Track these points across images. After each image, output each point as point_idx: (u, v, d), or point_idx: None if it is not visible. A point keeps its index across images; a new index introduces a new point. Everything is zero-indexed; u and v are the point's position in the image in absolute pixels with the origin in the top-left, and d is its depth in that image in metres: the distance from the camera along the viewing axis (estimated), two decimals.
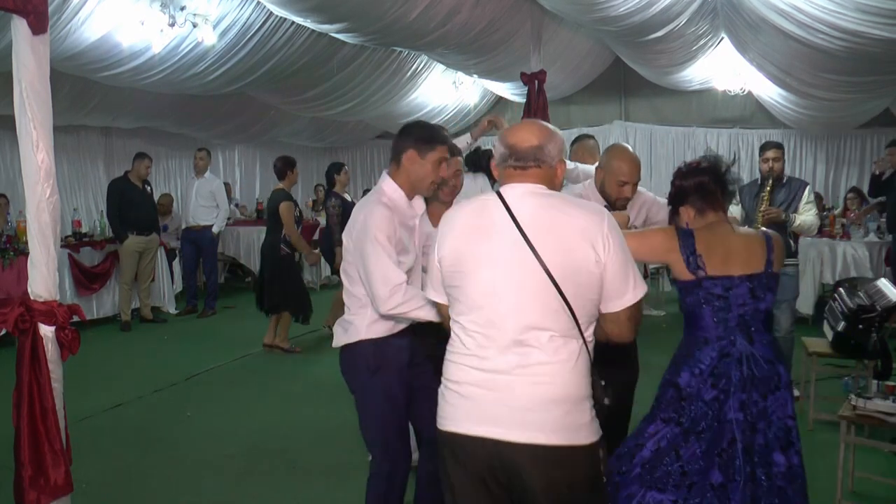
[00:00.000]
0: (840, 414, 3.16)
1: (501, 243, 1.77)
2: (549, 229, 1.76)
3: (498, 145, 1.89)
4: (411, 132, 2.50)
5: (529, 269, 1.73)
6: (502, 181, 1.88)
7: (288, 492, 3.50)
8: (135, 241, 6.98)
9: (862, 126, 9.02)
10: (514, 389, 1.74)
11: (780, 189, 4.66)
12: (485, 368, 1.77)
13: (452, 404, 1.82)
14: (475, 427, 1.77)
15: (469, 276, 1.80)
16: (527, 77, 6.64)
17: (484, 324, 1.77)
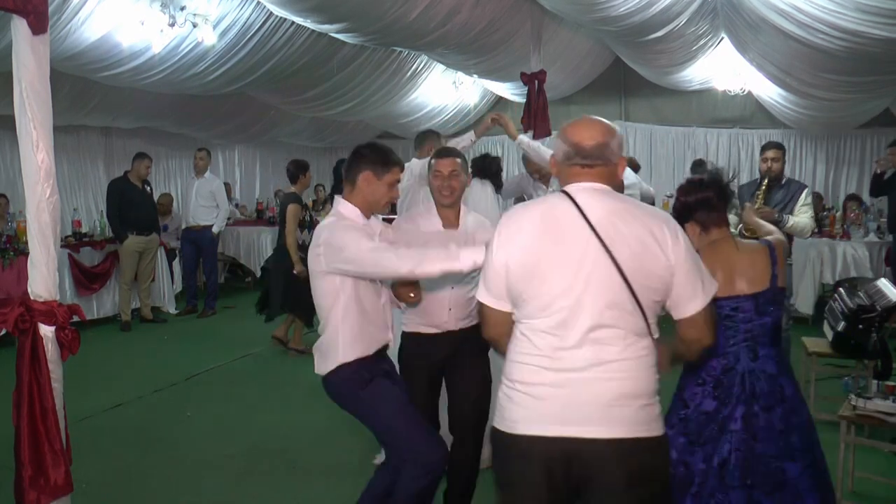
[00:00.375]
0: (840, 414, 3.16)
1: (576, 244, 1.77)
2: (621, 231, 1.76)
3: (559, 143, 1.89)
4: (366, 155, 2.55)
5: (604, 271, 1.75)
6: (566, 180, 1.88)
7: (288, 492, 3.50)
8: (135, 241, 6.97)
9: (862, 126, 9.01)
10: (592, 387, 1.76)
11: (777, 189, 4.66)
12: (559, 369, 1.77)
13: (525, 406, 1.80)
14: (552, 427, 1.77)
15: (543, 277, 1.78)
16: (527, 77, 6.64)
17: (557, 325, 1.77)
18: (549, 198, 1.91)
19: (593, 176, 1.84)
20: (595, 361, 1.75)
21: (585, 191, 1.82)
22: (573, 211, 1.79)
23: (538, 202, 1.95)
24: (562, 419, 1.76)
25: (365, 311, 2.48)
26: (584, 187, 1.83)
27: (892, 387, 3.21)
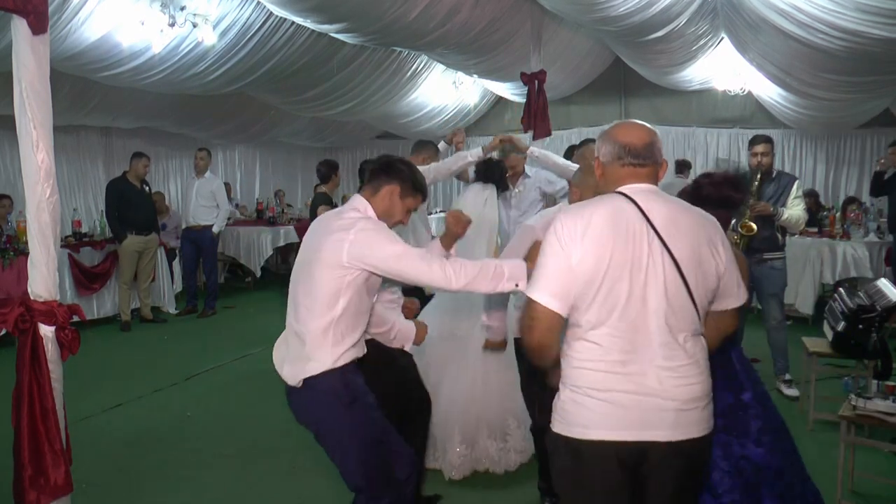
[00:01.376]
0: (840, 414, 3.16)
1: (641, 246, 1.79)
2: (679, 233, 1.81)
3: (606, 144, 1.93)
4: (402, 171, 2.46)
5: (668, 273, 1.79)
6: (616, 181, 1.90)
7: (288, 491, 3.50)
8: (134, 240, 6.97)
9: (862, 126, 9.01)
10: (667, 391, 1.78)
11: (769, 183, 4.65)
12: (631, 373, 1.78)
13: (598, 412, 1.79)
14: (626, 432, 1.78)
15: (613, 279, 1.78)
16: (527, 77, 6.64)
17: (627, 329, 1.78)
18: (610, 199, 1.87)
19: (644, 176, 1.89)
20: (666, 365, 1.78)
21: (643, 192, 1.86)
22: (637, 213, 1.82)
23: (600, 202, 1.87)
24: (638, 424, 1.78)
25: (361, 313, 2.35)
26: (640, 189, 1.87)
27: (893, 387, 3.21)
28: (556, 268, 1.81)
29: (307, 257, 2.34)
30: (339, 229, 2.27)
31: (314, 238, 2.36)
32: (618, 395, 1.78)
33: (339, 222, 2.32)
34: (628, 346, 1.78)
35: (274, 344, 2.51)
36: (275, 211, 9.40)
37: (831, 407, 3.98)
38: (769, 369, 4.93)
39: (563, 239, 1.81)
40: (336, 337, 2.28)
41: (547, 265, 1.83)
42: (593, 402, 1.80)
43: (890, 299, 3.28)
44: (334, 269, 2.25)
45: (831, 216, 7.34)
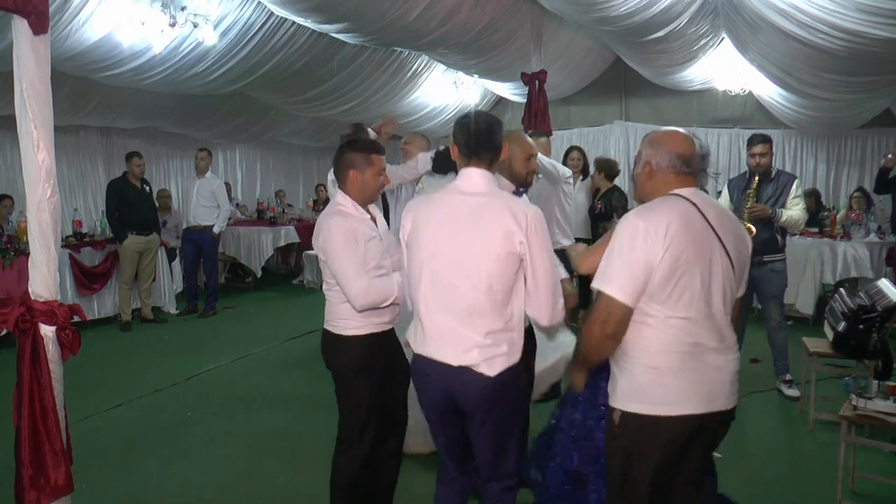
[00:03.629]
0: (840, 414, 3.16)
1: (706, 242, 2.04)
2: (727, 231, 2.09)
3: (659, 152, 2.13)
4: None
5: (724, 265, 2.06)
6: (665, 185, 2.12)
7: (288, 491, 3.50)
8: (134, 240, 6.98)
9: (862, 126, 9.00)
10: (727, 367, 2.08)
11: (767, 184, 4.62)
12: (702, 353, 2.04)
13: (677, 389, 2.03)
14: (700, 405, 2.04)
15: (691, 274, 2.00)
16: (527, 77, 6.65)
17: (698, 315, 2.03)
18: (675, 200, 2.07)
19: (690, 182, 2.13)
20: (723, 347, 2.07)
21: (696, 194, 2.11)
22: (697, 213, 2.05)
23: (670, 203, 2.06)
24: (706, 398, 2.05)
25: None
26: (691, 192, 2.10)
27: (893, 387, 3.21)
28: (635, 264, 1.98)
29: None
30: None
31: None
32: (692, 373, 2.03)
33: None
34: (699, 331, 2.03)
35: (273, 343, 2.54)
36: (275, 211, 9.41)
37: (831, 407, 3.99)
38: (769, 369, 4.93)
39: (648, 237, 1.98)
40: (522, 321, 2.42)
41: (623, 261, 2.00)
42: (674, 381, 2.02)
43: (890, 299, 3.28)
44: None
45: (832, 216, 7.33)
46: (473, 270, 2.16)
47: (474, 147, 2.27)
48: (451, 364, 2.20)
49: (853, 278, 6.65)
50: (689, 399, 2.04)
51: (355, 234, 2.61)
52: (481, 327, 2.18)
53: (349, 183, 2.72)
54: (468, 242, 2.17)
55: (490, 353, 2.18)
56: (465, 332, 2.19)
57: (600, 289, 2.03)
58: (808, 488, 3.47)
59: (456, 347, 2.20)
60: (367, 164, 2.72)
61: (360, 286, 2.54)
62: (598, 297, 2.03)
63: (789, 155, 9.71)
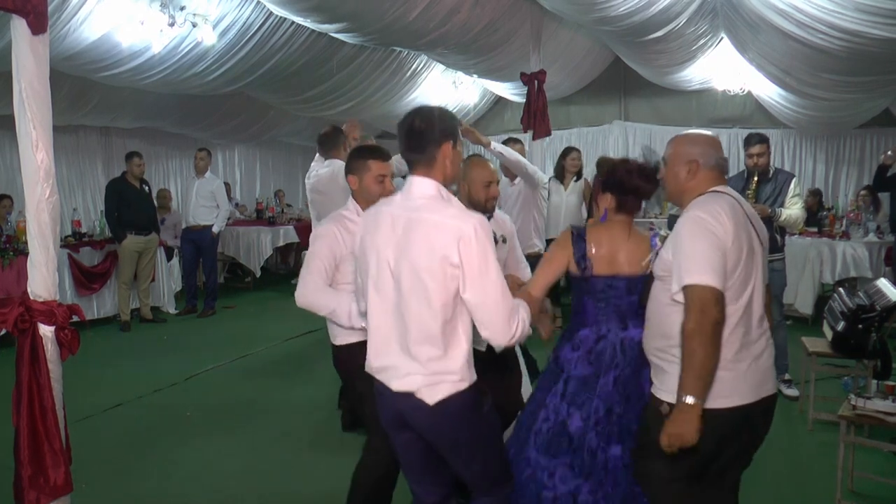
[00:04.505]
0: (840, 414, 3.16)
1: (747, 233, 2.17)
2: (758, 222, 2.27)
3: (708, 152, 2.25)
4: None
5: (761, 255, 2.21)
6: (706, 182, 2.24)
7: (289, 491, 3.50)
8: (133, 240, 6.97)
9: (862, 126, 9.02)
10: (768, 351, 2.21)
11: (766, 183, 4.60)
12: (752, 342, 2.16)
13: (734, 381, 2.10)
14: (755, 392, 2.15)
15: (743, 264, 2.11)
16: (527, 77, 6.65)
17: (746, 304, 2.13)
18: (721, 195, 2.19)
19: (724, 180, 2.29)
20: (763, 332, 2.21)
21: (731, 190, 2.25)
22: (739, 205, 2.19)
23: (722, 198, 2.16)
24: (759, 384, 2.15)
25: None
26: (726, 189, 2.25)
27: (892, 387, 3.21)
28: (712, 249, 2.04)
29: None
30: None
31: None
32: (743, 364, 2.12)
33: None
34: (749, 320, 2.14)
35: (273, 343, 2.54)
36: (275, 211, 9.40)
37: (831, 407, 3.99)
38: None
39: (715, 227, 2.06)
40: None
41: (699, 251, 2.05)
42: (726, 374, 2.08)
43: (889, 299, 3.28)
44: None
45: (831, 216, 7.34)
46: (410, 288, 2.00)
47: (404, 149, 2.09)
48: (392, 388, 2.08)
49: (852, 278, 6.66)
50: (741, 390, 2.11)
51: (344, 249, 2.65)
52: (421, 350, 2.01)
53: (351, 189, 2.80)
54: (404, 258, 2.01)
55: (432, 380, 2.01)
56: (405, 355, 2.04)
57: (687, 283, 2.02)
58: (807, 488, 3.47)
59: (397, 370, 2.06)
60: (364, 170, 2.73)
61: (307, 288, 2.64)
62: (689, 293, 2.02)
63: (788, 155, 9.73)
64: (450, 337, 2.02)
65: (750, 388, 2.13)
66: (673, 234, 2.18)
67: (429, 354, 2.01)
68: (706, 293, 2.01)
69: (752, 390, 2.13)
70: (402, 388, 2.05)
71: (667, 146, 2.40)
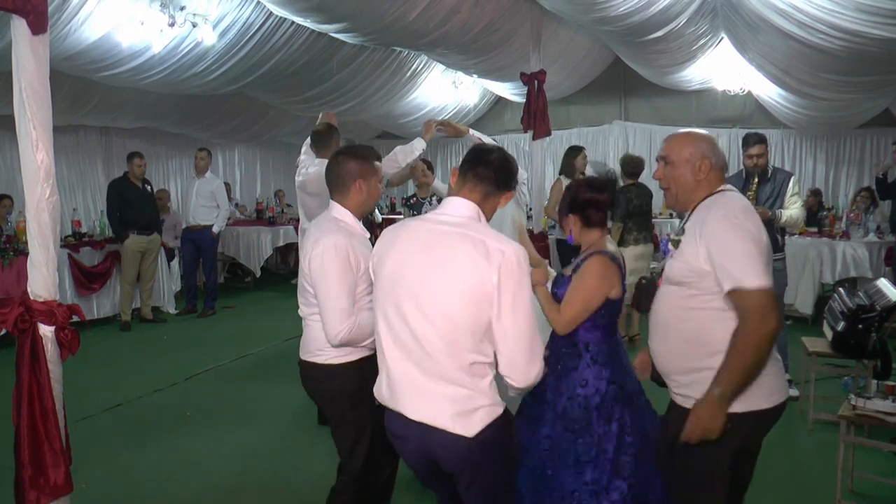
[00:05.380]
0: (840, 414, 3.16)
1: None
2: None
3: (717, 153, 2.20)
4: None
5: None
6: (714, 182, 2.18)
7: (289, 491, 3.50)
8: (136, 240, 6.98)
9: (861, 126, 9.02)
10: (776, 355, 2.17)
11: (765, 184, 4.57)
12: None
13: (779, 377, 2.16)
14: (786, 392, 2.21)
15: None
16: (527, 77, 6.65)
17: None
18: (736, 193, 2.18)
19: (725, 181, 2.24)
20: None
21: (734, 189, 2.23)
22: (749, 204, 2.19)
23: (735, 197, 2.14)
24: (785, 385, 2.21)
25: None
26: (734, 189, 2.23)
27: (892, 387, 3.21)
28: (763, 255, 1.99)
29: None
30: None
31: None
32: (776, 361, 2.13)
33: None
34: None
35: (273, 343, 2.50)
36: (274, 211, 9.40)
37: (831, 407, 3.99)
38: None
39: (755, 229, 2.01)
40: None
41: (756, 253, 1.97)
42: (769, 370, 2.07)
43: (889, 299, 3.27)
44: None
45: (831, 216, 7.34)
46: (439, 311, 1.86)
47: (479, 170, 2.00)
48: (422, 422, 1.90)
49: (852, 278, 6.65)
50: (783, 386, 2.16)
51: (357, 260, 2.35)
52: (450, 379, 1.87)
53: (353, 194, 2.45)
54: (434, 278, 1.88)
55: (464, 408, 1.87)
56: (432, 384, 1.88)
57: (741, 287, 1.93)
58: (807, 488, 3.47)
59: (423, 402, 1.90)
60: (373, 174, 2.48)
61: (347, 324, 2.30)
62: (748, 297, 1.93)
63: (788, 155, 9.73)
64: (479, 364, 1.89)
65: (784, 385, 2.20)
66: (708, 236, 2.03)
67: (459, 380, 1.87)
68: (766, 298, 1.93)
69: (785, 389, 2.19)
70: (434, 423, 1.88)
71: (667, 146, 2.26)
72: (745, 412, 2.02)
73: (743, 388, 1.99)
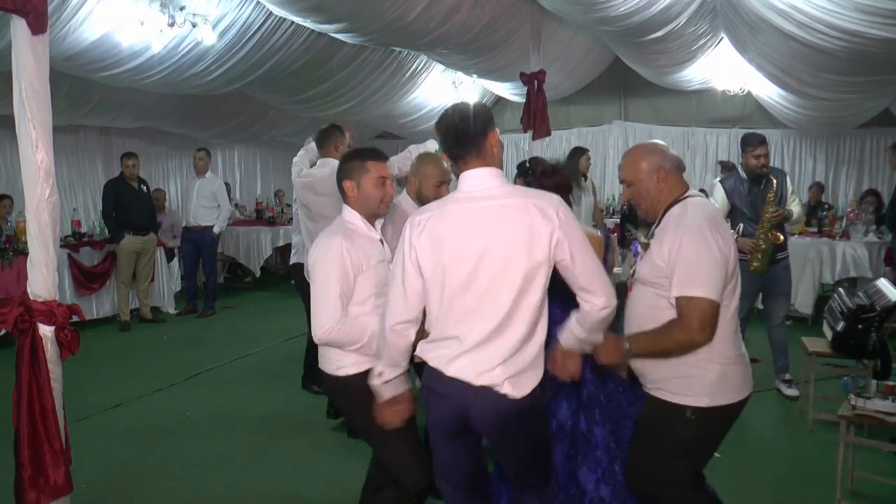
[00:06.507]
0: (840, 414, 3.16)
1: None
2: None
3: (668, 158, 2.31)
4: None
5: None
6: (677, 186, 2.31)
7: (288, 491, 3.50)
8: (132, 240, 6.97)
9: (861, 126, 9.01)
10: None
11: (767, 184, 4.53)
12: (739, 340, 2.30)
13: (742, 374, 2.26)
14: (749, 388, 2.29)
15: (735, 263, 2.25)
16: (526, 77, 6.65)
17: (737, 305, 2.26)
18: (704, 200, 2.32)
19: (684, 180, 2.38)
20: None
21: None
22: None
23: (704, 204, 2.28)
24: (749, 381, 2.29)
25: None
26: (699, 194, 2.37)
27: (892, 387, 3.21)
28: (718, 262, 2.11)
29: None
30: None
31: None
32: (743, 358, 2.29)
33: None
34: (736, 318, 2.24)
35: (273, 343, 2.50)
36: (274, 211, 9.40)
37: (831, 407, 3.99)
38: (768, 369, 4.93)
39: (717, 235, 2.13)
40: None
41: (706, 263, 2.10)
42: (736, 368, 2.23)
43: (889, 299, 3.28)
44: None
45: (831, 216, 7.34)
46: (508, 281, 1.98)
47: (451, 146, 2.13)
48: (472, 383, 2.01)
49: (852, 278, 6.66)
50: (748, 382, 2.26)
51: (357, 263, 2.38)
52: (509, 344, 2.01)
53: (347, 196, 2.52)
54: (494, 252, 1.98)
55: (516, 370, 2.01)
56: (492, 349, 2.01)
57: (689, 294, 2.09)
58: (807, 488, 3.47)
59: (479, 365, 2.02)
60: (362, 172, 2.49)
61: (329, 324, 2.35)
62: (690, 303, 2.09)
63: (788, 155, 9.73)
64: (533, 328, 2.03)
65: (749, 382, 2.28)
66: (673, 239, 2.15)
67: (517, 345, 2.01)
68: (709, 308, 2.09)
69: (749, 385, 2.28)
70: (485, 382, 2.01)
71: (623, 170, 2.39)
72: (697, 406, 2.18)
73: (662, 354, 2.20)
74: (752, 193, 4.55)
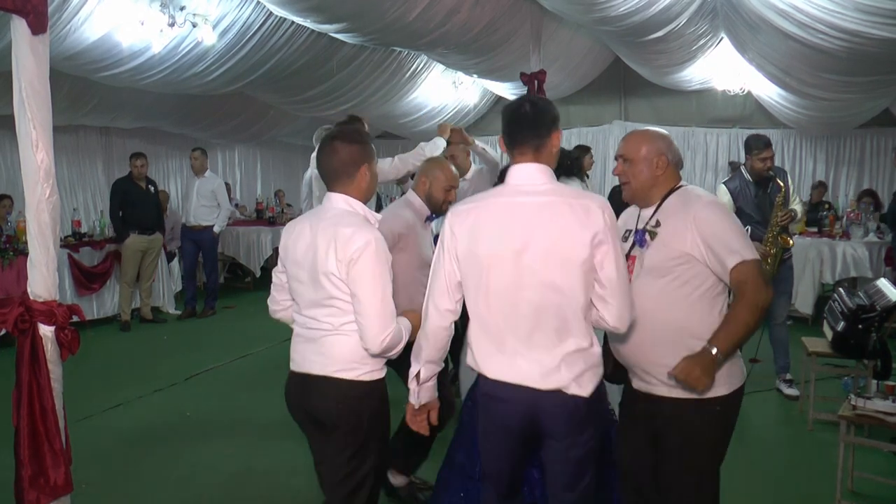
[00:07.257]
0: (840, 414, 3.16)
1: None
2: None
3: (672, 149, 2.30)
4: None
5: None
6: (674, 178, 2.29)
7: (288, 491, 3.50)
8: (137, 240, 6.98)
9: (861, 126, 9.02)
10: None
11: (774, 187, 4.53)
12: None
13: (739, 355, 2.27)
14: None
15: None
16: (526, 77, 6.64)
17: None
18: (699, 189, 2.34)
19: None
20: None
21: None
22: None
23: (699, 189, 2.33)
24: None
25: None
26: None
27: (892, 387, 3.21)
28: (742, 229, 2.20)
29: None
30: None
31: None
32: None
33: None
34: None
35: (273, 343, 2.48)
36: (274, 211, 9.40)
37: (831, 407, 3.99)
38: (768, 369, 4.93)
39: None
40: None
41: (742, 231, 2.18)
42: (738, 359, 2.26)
43: (889, 299, 3.28)
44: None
45: (831, 216, 7.34)
46: (550, 280, 1.93)
47: (514, 133, 2.05)
48: (538, 388, 1.96)
49: (852, 278, 6.66)
50: (742, 365, 2.28)
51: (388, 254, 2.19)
52: (565, 344, 1.96)
53: (359, 181, 2.25)
54: (541, 250, 1.94)
55: (578, 371, 1.97)
56: (547, 351, 1.96)
57: (740, 260, 2.08)
58: (807, 488, 3.47)
59: (538, 368, 1.97)
60: (374, 156, 2.33)
61: (391, 328, 2.12)
62: (746, 267, 2.08)
63: (788, 155, 9.73)
64: (589, 325, 2.01)
65: (742, 363, 2.31)
66: (701, 223, 2.10)
67: (573, 345, 1.97)
68: (760, 266, 2.13)
69: (743, 366, 2.31)
70: (551, 386, 1.96)
71: (625, 145, 2.31)
72: (729, 393, 2.19)
73: (733, 353, 2.14)
74: (758, 196, 4.53)
